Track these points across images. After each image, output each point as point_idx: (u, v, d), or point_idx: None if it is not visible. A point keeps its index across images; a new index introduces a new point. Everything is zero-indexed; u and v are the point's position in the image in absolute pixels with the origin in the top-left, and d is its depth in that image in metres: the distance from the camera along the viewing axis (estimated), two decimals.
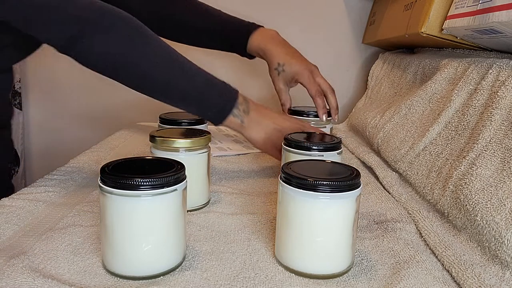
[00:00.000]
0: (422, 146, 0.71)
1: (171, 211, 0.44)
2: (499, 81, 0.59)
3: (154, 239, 0.43)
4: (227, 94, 0.69)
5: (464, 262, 0.46)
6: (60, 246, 0.49)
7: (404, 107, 0.83)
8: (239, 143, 1.02)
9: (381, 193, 0.70)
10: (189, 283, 0.43)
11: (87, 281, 0.43)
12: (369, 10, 1.27)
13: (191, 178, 0.49)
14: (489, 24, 0.60)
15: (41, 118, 1.35)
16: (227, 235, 0.54)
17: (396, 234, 0.55)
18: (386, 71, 1.10)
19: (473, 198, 0.52)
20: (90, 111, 1.33)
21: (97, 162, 0.80)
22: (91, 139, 1.03)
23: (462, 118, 0.64)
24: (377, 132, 0.88)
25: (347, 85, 1.31)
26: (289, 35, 1.29)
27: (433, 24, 0.79)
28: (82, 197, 0.64)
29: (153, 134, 0.61)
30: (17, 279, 0.42)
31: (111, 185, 0.42)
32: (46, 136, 1.36)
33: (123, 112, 1.31)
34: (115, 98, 1.30)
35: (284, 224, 0.46)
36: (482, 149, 0.56)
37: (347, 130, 1.13)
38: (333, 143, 0.64)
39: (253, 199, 0.67)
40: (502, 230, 0.45)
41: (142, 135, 1.03)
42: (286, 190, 0.45)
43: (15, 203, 0.59)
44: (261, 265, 0.47)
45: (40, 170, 1.33)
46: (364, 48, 1.30)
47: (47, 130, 1.36)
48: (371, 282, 0.45)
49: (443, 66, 0.76)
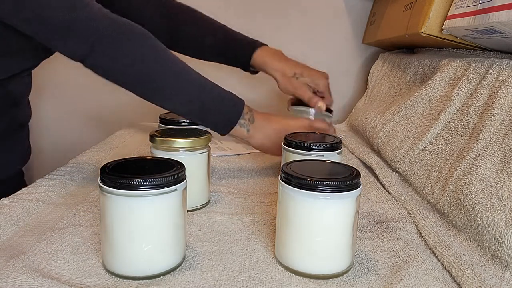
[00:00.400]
0: (422, 146, 0.71)
1: (171, 211, 0.44)
2: (499, 81, 0.59)
3: (154, 239, 0.43)
4: (234, 105, 0.71)
5: (464, 262, 0.46)
6: (60, 246, 0.49)
7: (404, 107, 0.83)
8: (239, 143, 1.02)
9: (381, 193, 0.70)
10: (189, 283, 0.43)
11: (87, 281, 0.43)
12: (369, 10, 1.27)
13: (191, 178, 0.49)
14: (489, 24, 0.60)
15: (41, 118, 1.35)
16: (227, 235, 0.54)
17: (396, 234, 0.55)
18: (386, 71, 1.10)
19: (473, 198, 0.52)
20: (90, 111, 1.33)
21: (97, 162, 0.80)
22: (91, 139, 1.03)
23: (462, 118, 0.64)
24: (377, 132, 0.88)
25: (347, 85, 1.31)
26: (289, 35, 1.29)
27: (433, 24, 0.79)
28: (82, 197, 0.64)
29: (153, 134, 0.61)
30: (17, 279, 0.42)
31: (111, 185, 0.42)
32: (46, 136, 1.36)
33: (123, 112, 1.31)
34: (115, 98, 1.30)
35: (284, 224, 0.46)
36: (482, 149, 0.56)
37: (347, 130, 1.13)
38: (333, 143, 0.64)
39: (253, 199, 0.67)
40: (502, 230, 0.45)
41: (142, 135, 1.03)
42: (286, 190, 0.45)
43: (15, 203, 0.59)
44: (261, 265, 0.47)
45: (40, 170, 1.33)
46: (364, 48, 1.30)
47: (47, 130, 1.36)
48: (371, 282, 0.45)
49: (443, 66, 0.76)
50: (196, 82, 0.68)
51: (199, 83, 0.68)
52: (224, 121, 0.70)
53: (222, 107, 0.70)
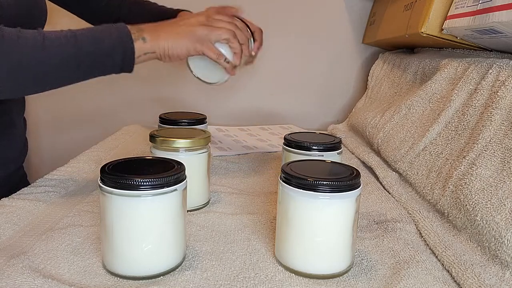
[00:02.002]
0: (422, 146, 0.71)
1: (171, 211, 0.44)
2: (499, 81, 0.59)
3: (154, 239, 0.43)
4: (111, 34, 0.63)
5: (464, 262, 0.46)
6: (60, 246, 0.49)
7: (404, 107, 0.83)
8: (239, 143, 1.02)
9: (381, 193, 0.70)
10: (189, 283, 0.43)
11: (87, 281, 0.43)
12: (369, 10, 1.27)
13: (191, 178, 0.49)
14: (489, 24, 0.60)
15: (41, 118, 1.35)
16: (227, 235, 0.54)
17: (396, 234, 0.55)
18: (386, 71, 1.10)
19: (473, 198, 0.52)
20: (90, 111, 1.33)
21: (97, 162, 0.80)
22: (91, 139, 1.03)
23: (462, 118, 0.64)
24: (377, 132, 0.88)
25: (347, 85, 1.31)
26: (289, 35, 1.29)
27: (433, 24, 0.79)
28: (82, 197, 0.64)
29: (153, 134, 0.61)
30: (17, 279, 0.42)
31: (111, 185, 0.42)
32: (46, 136, 1.36)
33: (123, 112, 1.31)
34: (115, 98, 1.30)
35: (284, 224, 0.46)
36: (482, 149, 0.56)
37: (347, 130, 1.13)
38: (333, 143, 0.64)
39: (253, 199, 0.67)
40: (502, 230, 0.45)
41: (142, 135, 1.03)
42: (286, 190, 0.45)
43: (15, 203, 0.59)
44: (261, 265, 0.47)
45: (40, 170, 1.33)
46: (364, 48, 1.30)
47: (47, 130, 1.36)
48: (371, 282, 0.45)
49: (443, 66, 0.76)
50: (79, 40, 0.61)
51: (82, 41, 0.61)
52: (119, 51, 0.62)
53: (110, 41, 0.62)
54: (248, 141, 1.04)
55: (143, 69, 0.66)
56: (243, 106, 1.31)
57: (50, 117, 1.35)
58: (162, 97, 1.30)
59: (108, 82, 0.65)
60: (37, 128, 1.35)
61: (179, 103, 1.28)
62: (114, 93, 1.29)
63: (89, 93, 1.31)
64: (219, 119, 1.26)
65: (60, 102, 1.33)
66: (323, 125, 1.29)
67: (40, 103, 1.34)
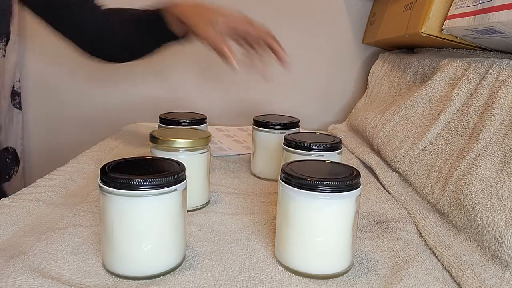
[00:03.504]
0: (422, 146, 0.71)
1: (171, 211, 0.44)
2: (499, 81, 0.59)
3: (154, 239, 0.43)
4: None
5: (464, 262, 0.46)
6: (60, 246, 0.49)
7: (404, 107, 0.83)
8: (239, 143, 1.02)
9: (381, 193, 0.70)
10: (189, 283, 0.43)
11: (87, 281, 0.43)
12: (369, 10, 1.27)
13: (191, 178, 0.49)
14: (489, 24, 0.60)
15: (41, 118, 1.35)
16: (227, 235, 0.54)
17: (396, 234, 0.55)
18: (386, 71, 1.10)
19: (473, 198, 0.52)
20: (90, 111, 1.33)
21: (97, 162, 0.80)
22: (91, 139, 1.03)
23: (462, 118, 0.64)
24: (377, 132, 0.88)
25: (347, 85, 1.31)
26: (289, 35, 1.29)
27: (433, 24, 0.79)
28: (82, 197, 0.64)
29: (153, 134, 0.61)
30: (17, 279, 0.42)
31: (111, 185, 0.42)
32: (46, 136, 1.36)
33: (123, 112, 1.31)
34: (114, 98, 1.30)
35: (284, 224, 0.46)
36: (482, 149, 0.56)
37: (347, 130, 1.13)
38: (333, 143, 0.64)
39: (253, 199, 0.67)
40: (502, 230, 0.45)
41: (142, 135, 1.03)
42: (286, 190, 0.45)
43: (15, 203, 0.59)
44: (261, 265, 0.47)
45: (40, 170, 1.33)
46: (364, 48, 1.30)
47: (47, 130, 1.35)
48: (371, 282, 0.45)
49: (443, 66, 0.76)
50: None
51: None
52: None
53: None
54: (248, 141, 1.04)
55: (144, 68, 0.67)
56: (243, 106, 1.31)
57: (49, 117, 1.35)
58: (162, 97, 1.30)
59: (108, 82, 0.65)
60: (37, 128, 1.35)
61: (179, 103, 1.28)
62: (114, 93, 1.29)
63: (89, 93, 1.31)
64: (219, 119, 1.26)
65: (60, 102, 1.33)
66: (323, 125, 1.29)
67: (39, 103, 1.34)
